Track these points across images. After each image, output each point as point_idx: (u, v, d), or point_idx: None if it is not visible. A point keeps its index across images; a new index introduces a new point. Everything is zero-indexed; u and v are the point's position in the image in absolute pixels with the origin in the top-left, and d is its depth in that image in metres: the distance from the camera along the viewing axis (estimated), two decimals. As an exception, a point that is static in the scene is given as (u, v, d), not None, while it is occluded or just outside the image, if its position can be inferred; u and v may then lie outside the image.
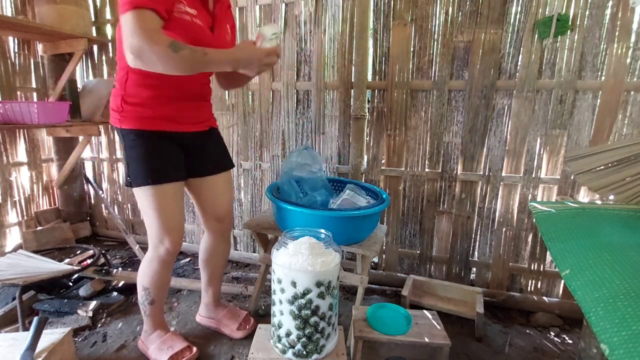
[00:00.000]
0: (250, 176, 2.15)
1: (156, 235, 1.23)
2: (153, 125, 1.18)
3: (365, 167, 1.90)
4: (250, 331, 1.49)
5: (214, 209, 1.42)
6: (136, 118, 1.16)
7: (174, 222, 1.23)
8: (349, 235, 1.39)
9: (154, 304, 1.35)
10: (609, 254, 0.86)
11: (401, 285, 1.74)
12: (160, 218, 1.20)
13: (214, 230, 1.46)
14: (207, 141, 1.35)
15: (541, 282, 1.73)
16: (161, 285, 1.33)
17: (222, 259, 1.53)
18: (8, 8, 2.18)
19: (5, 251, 2.12)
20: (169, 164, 1.22)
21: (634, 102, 1.48)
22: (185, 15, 1.06)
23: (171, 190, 1.21)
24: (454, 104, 1.71)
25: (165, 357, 1.31)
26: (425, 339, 1.19)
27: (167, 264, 1.29)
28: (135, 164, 1.18)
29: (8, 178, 2.21)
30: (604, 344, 0.63)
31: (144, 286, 1.32)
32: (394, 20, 1.71)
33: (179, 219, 1.25)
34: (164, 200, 1.19)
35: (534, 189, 1.65)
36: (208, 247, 1.50)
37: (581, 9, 1.47)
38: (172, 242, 1.23)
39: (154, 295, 1.33)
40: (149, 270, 1.29)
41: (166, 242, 1.23)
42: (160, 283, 1.32)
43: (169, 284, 1.42)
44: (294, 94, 1.95)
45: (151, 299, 1.33)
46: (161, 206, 1.19)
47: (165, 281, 1.35)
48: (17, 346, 1.15)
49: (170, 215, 1.21)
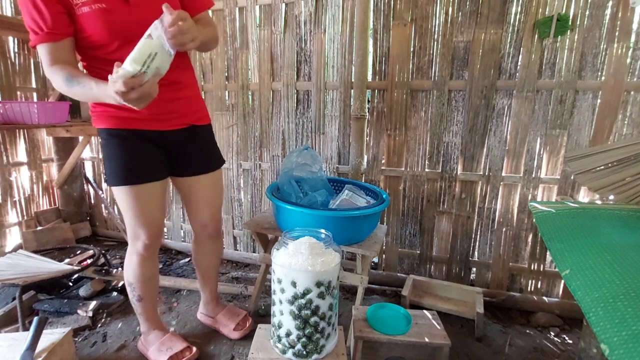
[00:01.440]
0: (250, 176, 2.15)
1: (132, 230, 1.23)
2: (123, 123, 1.14)
3: (365, 167, 1.90)
4: (247, 332, 1.49)
5: (197, 213, 1.38)
6: (106, 117, 1.14)
7: (149, 219, 1.21)
8: (349, 235, 1.39)
9: (142, 301, 1.34)
10: (609, 254, 0.86)
11: (401, 285, 1.74)
12: (135, 215, 1.19)
13: (199, 232, 1.44)
14: (188, 140, 1.27)
15: (541, 282, 1.73)
16: (145, 281, 1.31)
17: (213, 257, 1.51)
18: (8, 8, 2.18)
19: (5, 251, 2.12)
20: (143, 164, 1.18)
21: (634, 102, 1.48)
22: (84, 6, 1.00)
23: (146, 189, 1.19)
24: (454, 104, 1.71)
25: (165, 357, 1.31)
26: (425, 339, 1.19)
27: (145, 258, 1.27)
28: (109, 163, 1.17)
29: (8, 178, 2.21)
30: (604, 344, 0.63)
31: (129, 281, 1.32)
32: (394, 20, 1.71)
33: (155, 215, 1.23)
34: (138, 199, 1.18)
35: (534, 189, 1.65)
36: (196, 247, 1.50)
37: (581, 9, 1.47)
38: (147, 236, 1.22)
39: (139, 292, 1.32)
40: (130, 264, 1.30)
41: (142, 236, 1.22)
42: (143, 278, 1.30)
43: (157, 283, 1.39)
44: (294, 94, 1.95)
45: (138, 295, 1.33)
46: (136, 204, 1.18)
47: (148, 276, 1.31)
48: (17, 346, 1.15)
49: (145, 212, 1.20)
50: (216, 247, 1.50)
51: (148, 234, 1.22)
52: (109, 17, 1.01)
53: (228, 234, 2.28)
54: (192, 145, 1.28)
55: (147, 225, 1.21)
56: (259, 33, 1.95)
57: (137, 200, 1.17)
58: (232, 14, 1.97)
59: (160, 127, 1.19)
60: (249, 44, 1.98)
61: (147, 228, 1.21)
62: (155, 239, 1.26)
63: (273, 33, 1.92)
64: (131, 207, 1.18)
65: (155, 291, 1.39)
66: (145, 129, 1.17)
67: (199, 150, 1.31)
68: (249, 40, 1.98)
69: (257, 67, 1.99)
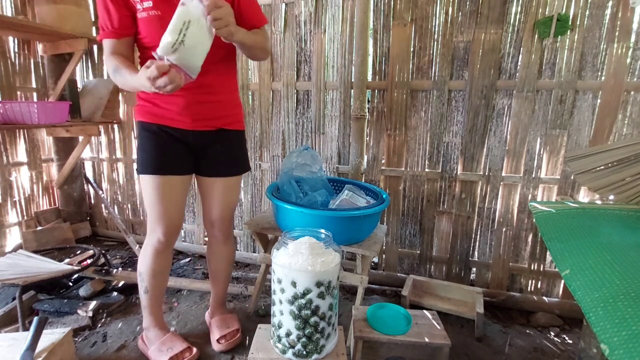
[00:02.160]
0: (250, 176, 2.15)
1: (151, 222, 1.29)
2: (156, 119, 1.25)
3: (365, 167, 1.90)
4: (231, 346, 1.43)
5: (209, 211, 1.42)
6: (144, 112, 1.26)
7: (166, 213, 1.27)
8: (349, 235, 1.39)
9: (148, 293, 1.36)
10: (609, 254, 0.86)
11: (401, 285, 1.75)
12: (154, 206, 1.26)
13: (209, 231, 1.48)
14: (213, 142, 1.31)
15: (541, 282, 1.73)
16: (154, 275, 1.34)
17: (222, 262, 1.51)
18: (8, 8, 2.18)
19: (5, 251, 2.12)
20: (168, 157, 1.25)
21: (634, 102, 1.48)
22: (144, 12, 1.14)
23: (168, 182, 1.25)
24: (454, 104, 1.71)
25: (165, 358, 1.31)
26: (425, 339, 1.19)
27: (158, 252, 1.31)
28: (140, 154, 1.27)
29: (8, 178, 2.21)
30: (604, 344, 0.63)
31: (140, 271, 1.36)
32: (394, 20, 1.71)
33: (172, 211, 1.28)
34: (159, 191, 1.25)
35: (534, 189, 1.65)
36: (208, 248, 1.52)
37: (581, 9, 1.47)
38: (162, 232, 1.28)
39: (147, 283, 1.35)
40: (144, 255, 1.34)
41: (158, 230, 1.28)
42: (153, 272, 1.34)
43: (165, 280, 1.41)
44: (294, 94, 1.95)
45: (145, 287, 1.35)
46: (156, 195, 1.25)
47: (157, 271, 1.34)
48: (17, 346, 1.15)
49: (164, 205, 1.26)
50: (225, 251, 1.50)
51: (162, 229, 1.28)
52: (162, 24, 1.08)
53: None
54: (217, 147, 1.33)
55: (163, 219, 1.27)
56: (259, 33, 1.95)
57: (156, 191, 1.25)
58: None
59: (188, 126, 1.26)
60: (249, 44, 1.98)
61: (163, 223, 1.27)
62: (168, 237, 1.30)
63: (273, 33, 1.92)
64: (151, 197, 1.26)
65: (162, 287, 1.41)
66: (174, 127, 1.25)
67: (224, 154, 1.35)
68: (249, 40, 1.98)
69: (257, 67, 1.99)
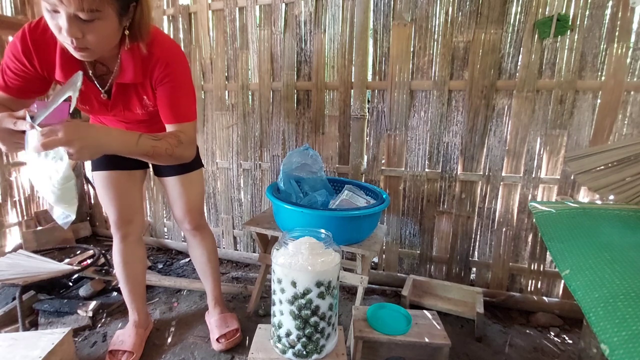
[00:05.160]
0: (250, 176, 2.15)
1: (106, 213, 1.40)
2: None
3: (365, 167, 1.90)
4: (230, 346, 1.44)
5: (174, 209, 1.44)
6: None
7: (115, 206, 1.34)
8: (349, 235, 1.39)
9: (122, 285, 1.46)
10: (609, 254, 0.86)
11: (401, 285, 1.75)
12: (102, 200, 1.36)
13: (182, 227, 1.50)
14: None
15: (541, 282, 1.73)
16: (121, 265, 1.41)
17: (203, 254, 1.51)
18: (8, 8, 2.18)
19: (5, 251, 2.12)
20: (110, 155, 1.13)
21: (634, 102, 1.48)
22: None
23: (114, 177, 1.32)
24: (454, 104, 1.71)
25: (111, 347, 1.40)
26: (425, 339, 1.19)
27: (119, 243, 1.39)
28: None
29: (8, 178, 2.21)
30: (604, 344, 0.63)
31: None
32: (394, 20, 1.71)
33: (120, 204, 1.35)
34: (106, 185, 1.32)
35: (534, 189, 1.65)
36: (187, 244, 1.56)
37: (581, 9, 1.47)
38: (114, 224, 1.37)
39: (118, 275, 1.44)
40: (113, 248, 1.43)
41: (111, 222, 1.38)
42: (118, 263, 1.41)
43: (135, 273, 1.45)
44: (294, 94, 1.95)
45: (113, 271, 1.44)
46: (103, 189, 1.33)
47: (125, 261, 1.41)
48: (17, 346, 1.15)
49: (111, 199, 1.33)
50: (201, 241, 1.50)
51: (114, 221, 1.36)
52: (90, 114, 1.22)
53: (228, 234, 2.28)
54: None
55: (112, 212, 1.35)
56: (259, 33, 1.95)
57: (104, 185, 1.33)
58: (232, 14, 1.97)
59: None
60: (249, 44, 1.98)
61: (113, 215, 1.35)
62: (122, 229, 1.37)
63: (273, 33, 1.92)
64: (99, 191, 1.35)
65: (135, 280, 1.46)
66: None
67: None
68: (249, 40, 1.98)
69: (257, 67, 1.99)
